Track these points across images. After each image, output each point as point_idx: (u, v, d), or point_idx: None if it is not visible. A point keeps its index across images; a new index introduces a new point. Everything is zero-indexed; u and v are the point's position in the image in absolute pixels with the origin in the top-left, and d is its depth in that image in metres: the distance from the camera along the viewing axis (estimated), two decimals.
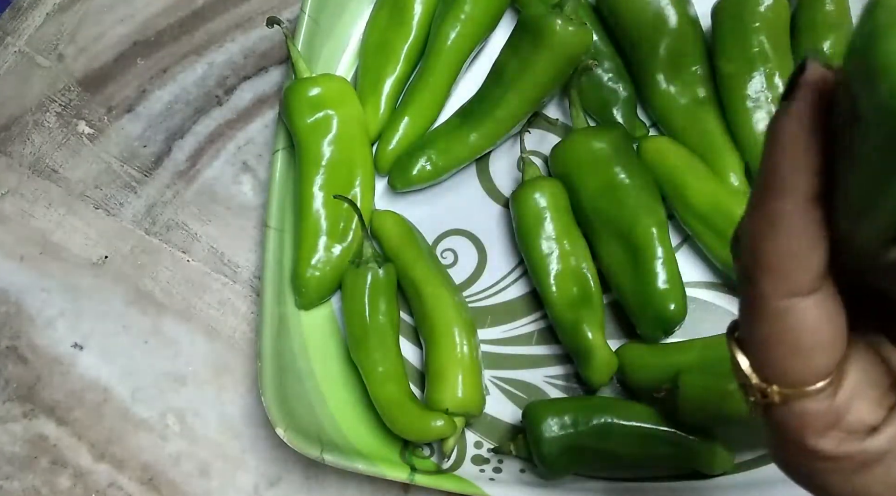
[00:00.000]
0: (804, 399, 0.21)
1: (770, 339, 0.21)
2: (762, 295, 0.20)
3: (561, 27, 0.45)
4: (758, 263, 0.20)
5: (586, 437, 0.43)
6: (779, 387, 0.21)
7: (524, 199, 0.48)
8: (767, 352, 0.21)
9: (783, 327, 0.20)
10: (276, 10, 0.56)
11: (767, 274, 0.20)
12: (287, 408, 0.44)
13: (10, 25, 0.57)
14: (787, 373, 0.21)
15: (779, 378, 0.21)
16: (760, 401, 0.21)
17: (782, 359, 0.21)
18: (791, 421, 0.21)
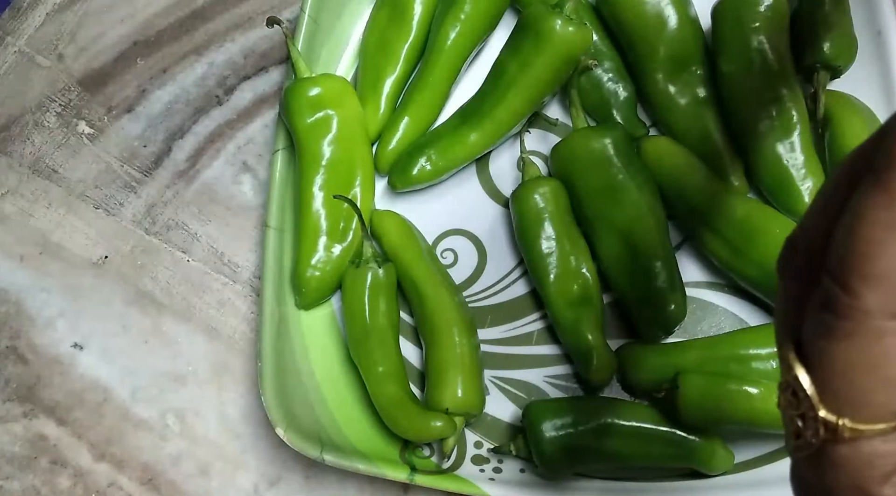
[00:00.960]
0: (877, 438, 0.18)
1: (861, 364, 0.18)
2: (863, 311, 0.17)
3: (561, 27, 0.45)
4: (864, 273, 0.17)
5: (586, 437, 0.43)
6: (852, 422, 0.18)
7: (524, 199, 0.48)
8: (853, 378, 0.18)
9: (882, 351, 0.18)
10: (276, 10, 0.56)
11: (877, 287, 0.17)
12: (287, 408, 0.44)
13: (10, 25, 0.57)
14: (871, 405, 0.18)
15: (856, 411, 0.18)
16: (821, 437, 0.19)
17: (869, 389, 0.18)
18: (856, 462, 0.19)
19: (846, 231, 0.18)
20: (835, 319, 0.18)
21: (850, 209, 0.18)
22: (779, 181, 0.47)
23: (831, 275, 0.18)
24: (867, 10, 0.48)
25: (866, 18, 0.48)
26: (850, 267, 0.18)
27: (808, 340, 0.19)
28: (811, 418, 0.19)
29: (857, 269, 0.17)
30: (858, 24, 0.48)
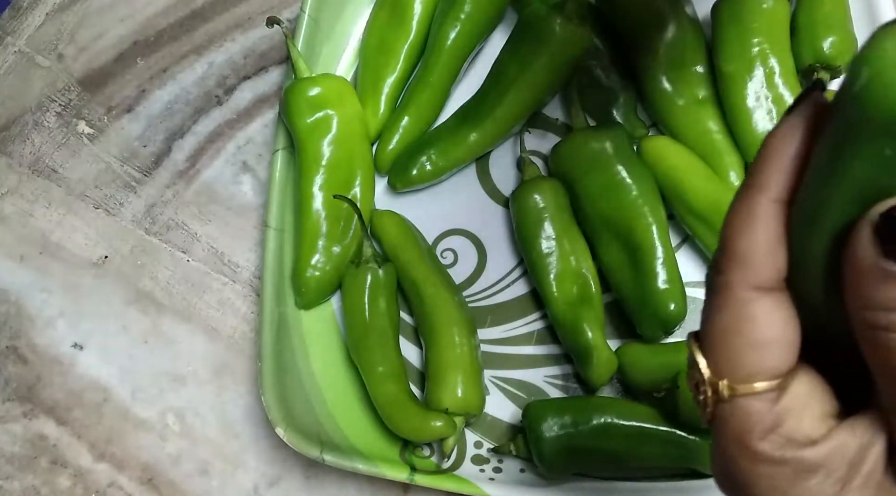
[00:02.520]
0: (751, 397, 0.21)
1: (730, 329, 0.22)
2: (728, 284, 0.22)
3: (561, 27, 0.45)
4: (729, 253, 0.22)
5: (586, 437, 0.43)
6: (729, 381, 0.22)
7: (524, 199, 0.48)
8: (725, 342, 0.22)
9: (744, 317, 0.21)
10: (276, 10, 0.56)
11: (736, 264, 0.21)
12: (287, 408, 0.44)
13: (10, 25, 0.57)
14: (740, 365, 0.21)
15: (731, 371, 0.22)
16: (710, 397, 0.22)
17: (738, 350, 0.21)
18: (736, 417, 0.22)
19: (723, 224, 0.22)
20: (710, 297, 0.22)
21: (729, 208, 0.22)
22: None
23: (713, 262, 0.22)
24: (867, 10, 0.48)
25: (866, 18, 0.48)
26: (720, 250, 0.22)
27: (702, 319, 0.23)
28: (702, 383, 0.22)
29: (723, 251, 0.22)
30: (858, 24, 0.48)
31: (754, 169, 0.21)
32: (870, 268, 0.18)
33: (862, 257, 0.19)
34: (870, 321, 0.19)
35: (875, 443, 0.21)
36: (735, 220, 0.22)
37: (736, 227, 0.22)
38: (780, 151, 0.21)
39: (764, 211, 0.21)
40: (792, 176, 0.21)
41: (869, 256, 0.18)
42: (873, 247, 0.18)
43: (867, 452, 0.21)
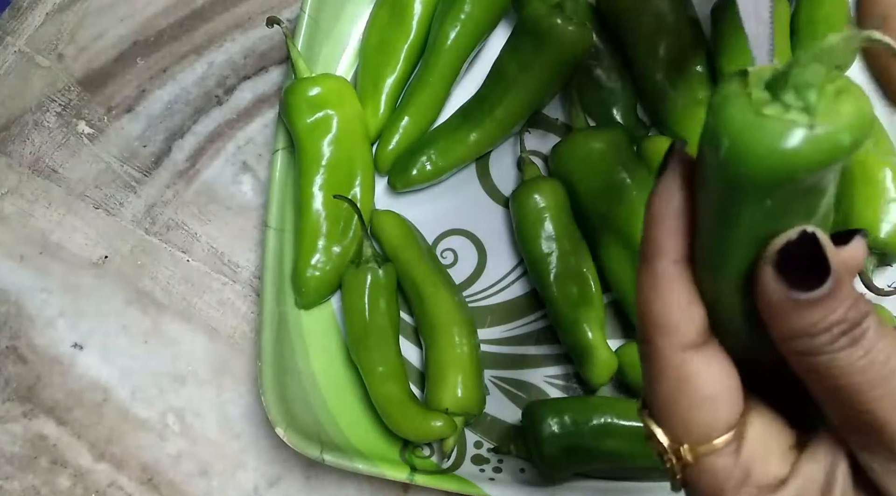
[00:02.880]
0: (713, 455, 0.22)
1: (672, 394, 0.22)
2: (658, 351, 0.22)
3: (561, 27, 0.45)
4: (648, 321, 0.22)
5: (586, 437, 0.43)
6: (689, 445, 0.22)
7: (524, 199, 0.48)
8: (672, 407, 0.22)
9: (682, 378, 0.22)
10: (276, 10, 0.56)
11: (658, 330, 0.22)
12: (287, 408, 0.44)
13: (10, 25, 0.57)
14: (694, 427, 0.22)
15: (687, 434, 0.22)
16: (676, 464, 0.22)
17: (687, 413, 0.22)
18: (705, 479, 0.22)
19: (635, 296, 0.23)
20: (646, 367, 0.23)
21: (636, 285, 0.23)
22: None
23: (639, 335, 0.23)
24: None
25: None
26: (640, 321, 0.22)
27: (645, 392, 0.23)
28: (665, 452, 0.23)
29: (643, 321, 0.22)
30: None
31: (648, 236, 0.22)
32: (781, 302, 0.19)
33: (771, 295, 0.19)
34: (796, 349, 0.20)
35: (838, 464, 0.22)
36: (645, 290, 0.22)
37: (647, 296, 0.22)
38: (666, 214, 0.21)
39: (669, 274, 0.21)
40: (685, 234, 0.21)
41: (777, 292, 0.19)
42: (778, 283, 0.19)
43: (834, 476, 0.21)
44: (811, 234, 0.19)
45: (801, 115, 0.17)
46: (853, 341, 0.19)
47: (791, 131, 0.17)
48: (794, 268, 0.19)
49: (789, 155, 0.17)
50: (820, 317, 0.19)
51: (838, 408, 0.21)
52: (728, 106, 0.18)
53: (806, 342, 0.20)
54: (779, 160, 0.17)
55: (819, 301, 0.19)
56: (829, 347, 0.19)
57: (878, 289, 0.44)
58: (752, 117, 0.17)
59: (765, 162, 0.17)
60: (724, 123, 0.18)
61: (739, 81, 0.18)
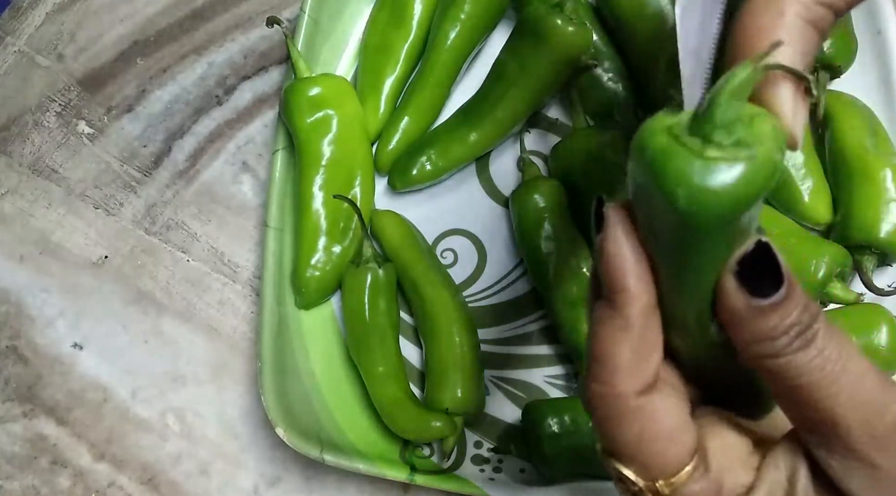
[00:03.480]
0: (688, 483, 0.22)
1: (639, 435, 0.22)
2: (620, 396, 0.22)
3: (561, 27, 0.45)
4: (610, 367, 0.22)
5: (586, 437, 0.43)
6: (664, 480, 0.23)
7: (524, 199, 0.48)
8: (642, 448, 0.23)
9: (648, 419, 0.22)
10: (276, 10, 0.56)
11: (622, 375, 0.22)
12: (287, 408, 0.44)
13: (10, 25, 0.57)
14: (666, 461, 0.22)
15: (661, 470, 0.23)
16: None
17: (657, 450, 0.23)
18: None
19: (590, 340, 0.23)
20: (605, 417, 0.23)
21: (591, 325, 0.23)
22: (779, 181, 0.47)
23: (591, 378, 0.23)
24: (867, 10, 0.48)
25: (866, 18, 0.48)
26: (598, 365, 0.22)
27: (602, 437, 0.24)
28: (638, 492, 0.23)
29: (604, 366, 0.22)
30: (858, 24, 0.48)
31: (611, 284, 0.22)
32: (743, 310, 0.21)
33: (735, 303, 0.21)
34: (758, 353, 0.21)
35: (798, 467, 0.23)
36: (607, 337, 0.22)
37: (612, 343, 0.22)
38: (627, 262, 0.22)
39: (643, 321, 0.22)
40: (650, 279, 0.22)
41: (739, 300, 0.21)
42: (739, 291, 0.21)
43: (796, 479, 0.23)
44: (765, 243, 0.20)
45: (739, 149, 0.19)
46: (806, 342, 0.21)
47: (740, 165, 0.18)
48: (752, 278, 0.20)
49: (747, 185, 0.19)
50: (778, 321, 0.20)
51: (797, 408, 0.22)
52: (672, 159, 0.19)
53: (766, 346, 0.21)
54: (739, 192, 0.19)
55: (776, 306, 0.20)
56: (786, 349, 0.21)
57: (879, 290, 0.44)
58: (700, 165, 0.19)
59: (727, 198, 0.19)
60: (674, 177, 0.19)
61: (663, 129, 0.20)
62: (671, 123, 0.20)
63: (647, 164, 0.19)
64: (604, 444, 0.24)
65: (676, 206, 0.19)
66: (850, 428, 0.21)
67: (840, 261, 0.44)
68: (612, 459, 0.24)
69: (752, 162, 0.19)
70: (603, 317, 0.22)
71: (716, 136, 0.19)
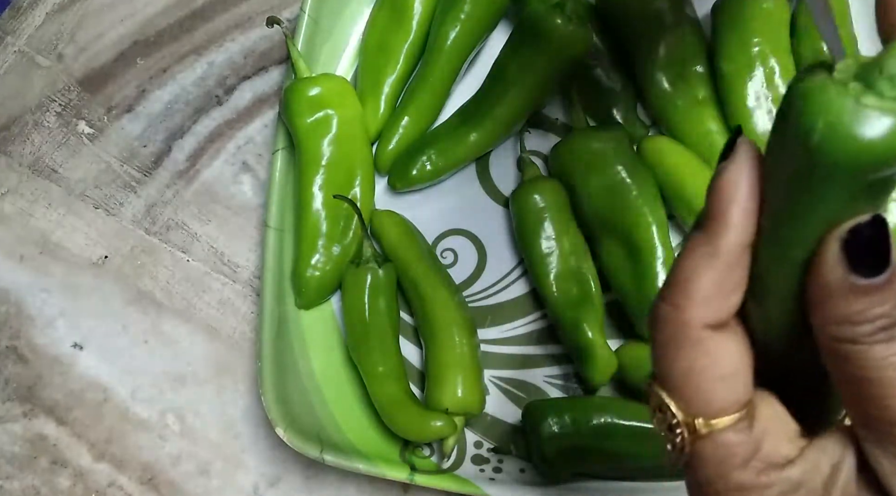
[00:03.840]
0: (728, 429, 0.22)
1: (694, 367, 0.22)
2: (685, 322, 0.22)
3: (561, 27, 0.45)
4: (687, 292, 0.22)
5: (586, 437, 0.43)
6: (704, 419, 0.22)
7: (524, 199, 0.48)
8: (691, 381, 0.22)
9: (705, 353, 0.22)
10: (276, 10, 0.56)
11: (696, 302, 0.22)
12: (287, 408, 0.44)
13: (10, 25, 0.57)
14: (711, 401, 0.22)
15: (703, 407, 0.22)
16: (686, 438, 0.22)
17: (706, 387, 0.22)
18: (717, 452, 0.22)
19: (675, 264, 0.23)
20: (665, 338, 0.22)
21: (681, 250, 0.23)
22: None
23: (663, 298, 0.22)
24: (867, 10, 0.48)
25: (866, 18, 0.48)
26: (675, 287, 0.22)
27: (656, 362, 0.23)
28: (675, 425, 0.22)
29: (681, 289, 0.22)
30: (858, 24, 0.48)
31: (717, 213, 0.21)
32: (836, 282, 0.20)
33: (830, 274, 0.20)
34: (835, 334, 0.20)
35: (845, 460, 0.22)
36: (696, 261, 0.22)
37: (697, 268, 0.22)
38: (739, 194, 0.21)
39: (733, 255, 0.21)
40: (754, 218, 0.21)
41: (836, 271, 0.20)
42: (840, 263, 0.19)
43: (839, 470, 0.22)
44: (882, 219, 0.19)
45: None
46: (890, 337, 0.20)
47: (892, 119, 0.17)
48: (857, 253, 0.19)
49: (891, 142, 0.17)
50: (867, 306, 0.19)
51: (859, 399, 0.21)
52: (823, 93, 0.18)
53: (847, 329, 0.20)
54: (880, 147, 0.18)
55: (872, 289, 0.19)
56: (867, 338, 0.20)
57: None
58: (851, 105, 0.18)
59: (866, 149, 0.18)
60: (820, 110, 0.18)
61: (824, 72, 0.19)
62: (840, 67, 0.19)
63: (798, 97, 0.18)
64: (655, 369, 0.23)
65: (810, 140, 0.18)
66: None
67: None
68: (658, 386, 0.23)
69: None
70: (695, 243, 0.22)
71: (879, 85, 0.18)
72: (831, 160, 0.18)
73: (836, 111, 0.18)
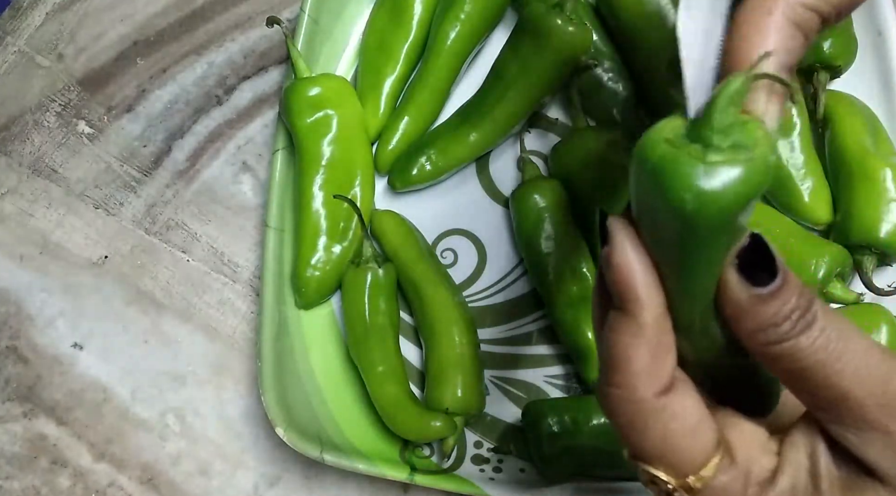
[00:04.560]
0: (717, 475, 0.23)
1: (665, 435, 0.23)
2: (643, 400, 0.23)
3: (561, 27, 0.45)
4: (630, 372, 0.23)
5: (586, 437, 0.43)
6: (694, 476, 0.23)
7: (524, 199, 0.48)
8: (668, 447, 0.23)
9: (672, 417, 0.23)
10: (276, 10, 0.56)
11: (644, 379, 0.23)
12: (287, 408, 0.44)
13: (10, 25, 0.57)
14: (693, 456, 0.23)
15: (688, 466, 0.23)
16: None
17: (683, 446, 0.23)
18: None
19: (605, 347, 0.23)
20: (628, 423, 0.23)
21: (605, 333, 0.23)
22: (779, 181, 0.47)
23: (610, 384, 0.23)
24: (867, 10, 0.48)
25: (866, 18, 0.48)
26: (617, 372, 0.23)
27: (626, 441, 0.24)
28: (671, 491, 0.24)
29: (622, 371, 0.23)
30: (858, 24, 0.48)
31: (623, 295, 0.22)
32: (745, 300, 0.22)
33: (738, 295, 0.22)
34: (763, 341, 0.22)
35: (817, 446, 0.24)
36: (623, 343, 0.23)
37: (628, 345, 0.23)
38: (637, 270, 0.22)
39: (657, 326, 0.22)
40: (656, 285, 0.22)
41: (742, 291, 0.22)
42: (740, 282, 0.22)
43: (816, 457, 0.24)
44: (758, 234, 0.22)
45: (737, 152, 0.20)
46: (808, 324, 0.22)
47: (739, 167, 0.19)
48: (750, 270, 0.22)
49: (747, 184, 0.20)
50: (779, 307, 0.22)
51: (807, 388, 0.23)
52: (676, 167, 0.20)
53: (771, 333, 0.22)
54: (740, 192, 0.20)
55: (775, 292, 0.21)
56: (790, 333, 0.22)
57: (878, 289, 0.44)
58: (704, 168, 0.20)
59: (731, 198, 0.20)
60: (681, 184, 0.20)
61: (661, 143, 0.20)
62: (669, 133, 0.21)
63: (652, 174, 0.20)
64: (630, 449, 0.24)
65: (684, 211, 0.20)
66: (859, 399, 0.22)
67: (840, 261, 0.44)
68: (641, 462, 0.24)
69: (750, 162, 0.20)
70: (617, 325, 0.23)
71: (714, 140, 0.20)
72: (707, 221, 0.20)
73: (694, 179, 0.20)
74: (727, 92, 0.20)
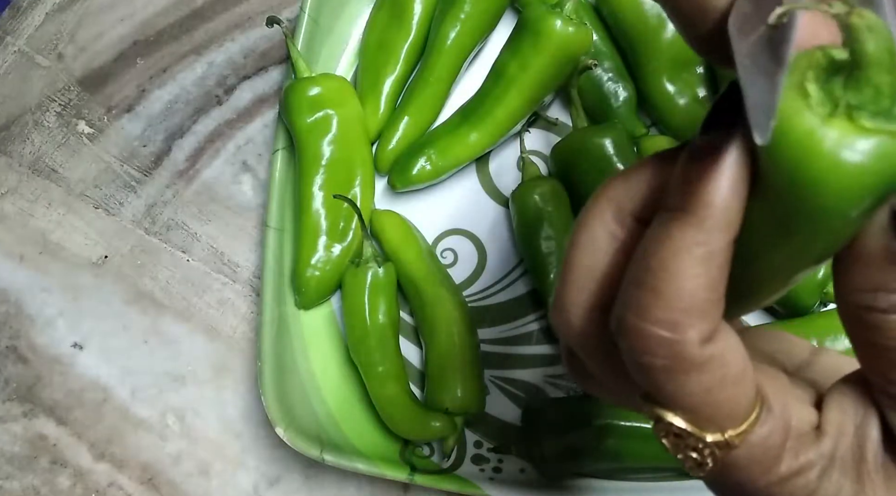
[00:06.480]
0: (755, 428, 0.21)
1: (713, 385, 0.20)
2: (691, 343, 0.19)
3: (561, 27, 0.45)
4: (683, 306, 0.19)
5: (586, 437, 0.43)
6: (734, 430, 0.20)
7: (524, 199, 0.48)
8: (711, 399, 0.20)
9: (720, 366, 0.20)
10: (276, 9, 0.56)
11: (698, 318, 0.19)
12: (287, 407, 0.44)
13: (10, 25, 0.57)
14: (734, 409, 0.20)
15: (729, 419, 0.20)
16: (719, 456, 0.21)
17: (728, 399, 0.20)
18: (753, 453, 0.21)
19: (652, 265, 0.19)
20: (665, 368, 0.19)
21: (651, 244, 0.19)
22: None
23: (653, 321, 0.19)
24: None
25: None
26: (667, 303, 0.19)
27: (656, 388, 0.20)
28: (703, 447, 0.21)
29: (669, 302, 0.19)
30: None
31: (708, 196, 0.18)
32: (878, 251, 0.19)
33: (872, 241, 0.19)
34: (866, 304, 0.20)
35: (868, 420, 0.21)
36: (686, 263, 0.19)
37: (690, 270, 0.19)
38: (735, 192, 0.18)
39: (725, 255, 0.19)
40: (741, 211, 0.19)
41: (881, 241, 0.19)
42: (887, 232, 0.19)
43: (865, 432, 0.21)
44: None
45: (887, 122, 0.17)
46: None
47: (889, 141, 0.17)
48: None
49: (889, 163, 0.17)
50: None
51: (886, 367, 0.20)
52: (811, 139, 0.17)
53: (879, 297, 0.19)
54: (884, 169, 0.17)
55: None
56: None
57: None
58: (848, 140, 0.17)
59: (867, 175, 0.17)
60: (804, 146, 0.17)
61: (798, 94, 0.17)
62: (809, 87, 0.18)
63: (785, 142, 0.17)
64: (660, 398, 0.20)
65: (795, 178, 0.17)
66: None
67: None
68: (668, 413, 0.20)
69: None
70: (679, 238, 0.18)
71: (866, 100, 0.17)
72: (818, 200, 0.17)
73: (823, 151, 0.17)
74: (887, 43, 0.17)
